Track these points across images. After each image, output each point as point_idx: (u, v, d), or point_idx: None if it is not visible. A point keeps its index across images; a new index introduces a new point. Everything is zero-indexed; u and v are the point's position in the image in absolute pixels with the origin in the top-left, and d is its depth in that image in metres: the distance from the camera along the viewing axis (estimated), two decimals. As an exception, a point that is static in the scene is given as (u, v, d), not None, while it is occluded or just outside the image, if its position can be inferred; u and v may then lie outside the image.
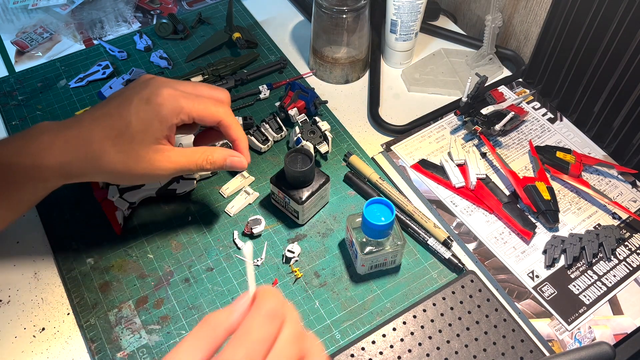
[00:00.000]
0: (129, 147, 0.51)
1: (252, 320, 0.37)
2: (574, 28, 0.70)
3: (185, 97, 0.52)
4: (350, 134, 0.74)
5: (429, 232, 0.63)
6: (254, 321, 0.37)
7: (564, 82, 0.74)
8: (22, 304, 0.58)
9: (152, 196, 0.65)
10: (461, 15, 0.94)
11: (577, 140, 0.73)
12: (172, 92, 0.51)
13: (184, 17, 0.89)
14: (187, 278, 0.60)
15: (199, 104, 0.52)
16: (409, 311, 0.57)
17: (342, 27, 0.75)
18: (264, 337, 0.36)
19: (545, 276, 0.60)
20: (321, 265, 0.61)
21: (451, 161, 0.69)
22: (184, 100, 0.51)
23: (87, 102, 0.77)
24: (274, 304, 0.37)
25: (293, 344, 0.37)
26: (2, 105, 0.76)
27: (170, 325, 0.57)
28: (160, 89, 0.51)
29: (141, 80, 0.53)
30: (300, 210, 0.61)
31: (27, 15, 0.89)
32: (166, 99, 0.50)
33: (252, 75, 0.79)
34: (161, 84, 0.52)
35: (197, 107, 0.52)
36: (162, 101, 0.50)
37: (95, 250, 0.62)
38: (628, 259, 0.62)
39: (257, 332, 0.36)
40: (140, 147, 0.51)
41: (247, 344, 0.36)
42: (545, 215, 0.63)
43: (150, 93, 0.51)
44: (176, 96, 0.51)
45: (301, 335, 0.38)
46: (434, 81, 0.81)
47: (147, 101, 0.50)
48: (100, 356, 0.54)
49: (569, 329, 0.57)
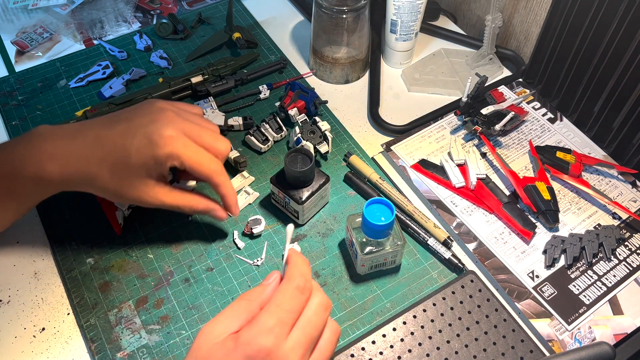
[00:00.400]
0: (124, 176, 0.53)
1: (284, 292, 0.42)
2: (574, 28, 0.70)
3: (184, 144, 0.53)
4: (350, 134, 0.74)
5: (429, 232, 0.63)
6: (285, 293, 0.42)
7: (564, 82, 0.74)
8: (22, 304, 0.58)
9: None
10: (461, 15, 0.94)
11: (577, 140, 0.73)
12: (174, 135, 0.52)
13: (184, 17, 0.89)
14: (187, 278, 0.60)
15: (195, 156, 0.54)
16: (409, 311, 0.57)
17: (342, 27, 0.75)
18: (294, 308, 0.41)
19: (545, 276, 0.60)
20: (321, 265, 0.61)
21: (451, 161, 0.69)
22: (182, 148, 0.53)
23: (87, 102, 0.77)
24: (303, 279, 0.43)
25: (318, 315, 0.42)
26: (2, 105, 0.76)
27: (170, 325, 0.57)
28: (164, 129, 0.52)
29: (151, 110, 0.54)
30: (300, 210, 0.61)
31: (27, 15, 0.89)
32: (167, 142, 0.52)
33: (252, 75, 0.79)
34: (167, 122, 0.53)
35: (192, 159, 0.53)
36: (163, 144, 0.52)
37: (95, 250, 0.62)
38: (628, 259, 0.62)
39: (288, 303, 0.41)
40: (134, 178, 0.53)
41: (278, 312, 0.41)
42: (545, 215, 0.63)
43: (153, 131, 0.52)
44: (176, 140, 0.52)
45: (326, 306, 0.43)
46: (434, 81, 0.81)
47: (149, 140, 0.52)
48: (100, 356, 0.54)
49: (569, 329, 0.57)
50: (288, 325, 0.41)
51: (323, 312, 0.43)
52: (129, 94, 0.76)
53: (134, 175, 0.53)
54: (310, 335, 0.42)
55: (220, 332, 0.41)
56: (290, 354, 0.40)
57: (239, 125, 0.73)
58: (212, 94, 0.77)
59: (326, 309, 0.44)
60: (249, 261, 0.62)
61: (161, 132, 0.52)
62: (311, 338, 0.42)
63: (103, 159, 0.52)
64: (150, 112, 0.54)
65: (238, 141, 0.73)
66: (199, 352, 0.41)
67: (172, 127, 0.53)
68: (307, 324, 0.42)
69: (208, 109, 0.74)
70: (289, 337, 0.41)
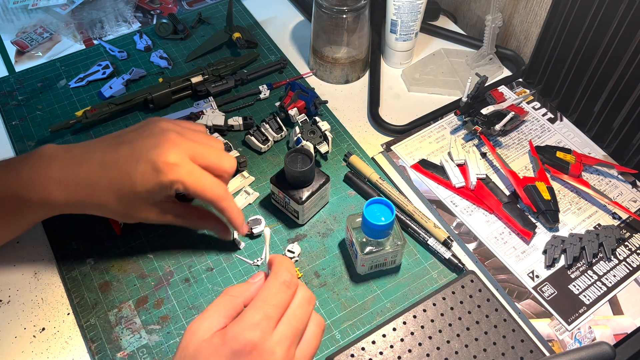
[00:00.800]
0: (131, 201, 0.53)
1: (270, 288, 0.43)
2: (574, 28, 0.70)
3: (188, 171, 0.52)
4: (350, 134, 0.74)
5: (429, 232, 0.63)
6: (272, 289, 0.43)
7: (564, 82, 0.74)
8: (22, 304, 0.58)
9: None
10: (461, 15, 0.94)
11: (577, 140, 0.73)
12: (178, 162, 0.52)
13: (184, 17, 0.89)
14: (187, 278, 0.60)
15: (200, 181, 0.53)
16: (409, 311, 0.57)
17: (342, 27, 0.75)
18: (280, 303, 0.42)
19: (545, 276, 0.60)
20: (321, 265, 0.61)
21: (451, 161, 0.69)
22: (186, 175, 0.52)
23: (87, 102, 0.77)
24: (290, 275, 0.44)
25: (303, 308, 0.43)
26: (2, 105, 0.76)
27: (170, 325, 0.57)
28: (168, 155, 0.51)
29: (153, 131, 0.54)
30: (300, 210, 0.61)
31: (27, 15, 0.89)
32: (171, 169, 0.51)
33: (252, 75, 0.79)
34: (171, 146, 0.52)
35: (196, 185, 0.53)
36: (167, 171, 0.51)
37: (95, 250, 0.62)
38: (628, 259, 0.62)
39: (274, 297, 0.42)
40: (140, 202, 0.54)
41: (265, 307, 0.41)
42: (545, 215, 0.63)
43: (157, 157, 0.51)
44: (180, 167, 0.52)
45: (310, 299, 0.44)
46: (434, 81, 0.81)
47: (153, 166, 0.51)
48: (100, 356, 0.54)
49: (569, 329, 0.57)
50: (274, 319, 0.42)
51: (307, 305, 0.44)
52: (129, 94, 0.76)
53: (140, 200, 0.53)
54: (296, 328, 0.42)
55: (206, 329, 0.42)
56: (277, 347, 0.41)
57: (239, 125, 0.73)
58: (212, 94, 0.77)
59: (310, 302, 0.44)
60: (249, 261, 0.62)
61: (165, 158, 0.51)
62: (297, 331, 0.42)
63: (109, 186, 0.52)
64: (153, 133, 0.53)
65: (238, 141, 0.73)
66: (187, 350, 0.41)
67: (176, 152, 0.52)
68: (292, 318, 0.42)
69: (208, 109, 0.74)
70: (275, 331, 0.41)
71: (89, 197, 0.53)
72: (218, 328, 0.42)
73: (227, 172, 0.56)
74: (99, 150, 0.54)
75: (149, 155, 0.51)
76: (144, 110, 0.76)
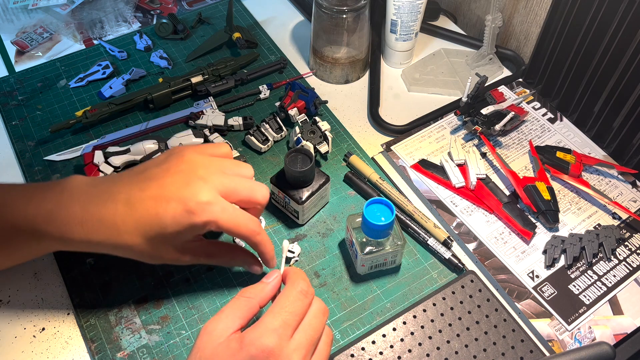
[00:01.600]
0: (159, 242, 0.50)
1: (288, 296, 0.44)
2: (574, 28, 0.70)
3: (222, 209, 0.49)
4: (350, 134, 0.74)
5: (429, 232, 0.63)
6: (289, 297, 0.44)
7: (564, 82, 0.74)
8: (22, 304, 0.58)
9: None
10: (461, 15, 0.94)
11: (577, 140, 0.73)
12: (211, 201, 0.49)
13: (184, 17, 0.89)
14: (187, 278, 0.60)
15: (233, 219, 0.50)
16: (409, 311, 0.57)
17: (342, 27, 0.75)
18: (297, 311, 0.43)
19: (545, 276, 0.60)
20: (321, 265, 0.61)
21: (451, 161, 0.69)
22: (219, 214, 0.49)
23: (87, 102, 0.77)
24: (306, 284, 0.45)
25: (318, 318, 0.44)
26: (2, 105, 0.76)
27: (170, 325, 0.57)
28: (200, 194, 0.48)
29: (181, 167, 0.50)
30: (300, 210, 0.61)
31: (27, 15, 0.89)
32: (204, 209, 0.48)
33: (252, 75, 0.79)
34: (202, 184, 0.49)
35: (230, 223, 0.49)
36: (200, 211, 0.48)
37: (95, 250, 0.62)
38: (628, 259, 0.62)
39: (291, 305, 0.43)
40: (169, 244, 0.51)
41: (283, 314, 0.42)
42: (545, 215, 0.63)
43: (189, 198, 0.48)
44: (213, 206, 0.49)
45: (325, 311, 0.46)
46: (434, 81, 0.81)
47: (185, 208, 0.48)
48: (100, 356, 0.54)
49: (569, 329, 0.57)
50: (291, 327, 0.42)
51: (322, 316, 0.45)
52: (129, 94, 0.76)
53: (169, 242, 0.50)
54: (312, 337, 0.43)
55: (222, 331, 0.42)
56: (293, 355, 0.41)
57: (239, 125, 0.73)
58: (212, 94, 0.77)
59: (324, 313, 0.45)
60: (249, 261, 0.62)
61: (197, 198, 0.48)
62: (312, 340, 0.43)
63: (136, 228, 0.49)
64: (181, 170, 0.50)
65: (238, 141, 0.73)
66: (203, 352, 0.41)
67: (208, 190, 0.49)
68: (308, 327, 0.43)
69: (208, 109, 0.74)
70: (292, 338, 0.42)
71: (113, 238, 0.49)
72: (234, 329, 0.42)
73: (261, 204, 0.53)
74: (125, 187, 0.50)
75: (179, 194, 0.48)
76: (144, 110, 0.76)
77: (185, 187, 0.49)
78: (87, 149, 0.70)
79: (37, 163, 0.70)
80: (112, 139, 0.71)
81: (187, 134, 0.69)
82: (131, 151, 0.68)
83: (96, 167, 0.66)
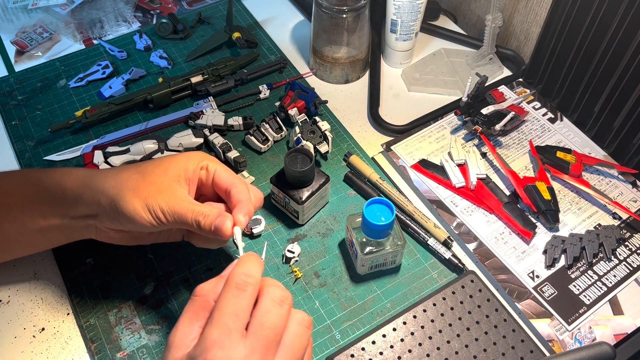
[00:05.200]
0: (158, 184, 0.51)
1: (223, 297, 0.40)
2: (574, 28, 0.70)
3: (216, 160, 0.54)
4: (350, 134, 0.74)
5: (429, 232, 0.63)
6: (225, 297, 0.40)
7: (564, 82, 0.74)
8: (22, 304, 0.58)
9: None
10: (461, 15, 0.94)
11: (578, 140, 0.73)
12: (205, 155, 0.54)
13: (184, 17, 0.89)
14: (187, 278, 0.60)
15: (222, 166, 0.54)
16: (409, 311, 0.57)
17: (342, 27, 0.75)
18: (238, 309, 0.39)
19: (546, 276, 0.60)
20: (321, 265, 0.61)
21: (451, 161, 0.69)
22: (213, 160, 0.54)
23: (87, 102, 0.77)
24: (243, 275, 0.41)
25: (303, 335, 0.41)
26: (2, 105, 0.76)
27: (170, 326, 0.57)
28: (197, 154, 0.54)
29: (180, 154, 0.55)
30: (300, 210, 0.61)
31: (27, 15, 0.89)
32: (203, 155, 0.54)
33: (252, 75, 0.79)
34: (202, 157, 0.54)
35: (222, 165, 0.54)
36: (191, 154, 0.53)
37: (95, 250, 0.62)
38: (628, 259, 0.62)
39: (230, 305, 0.39)
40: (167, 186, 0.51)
41: (221, 319, 0.38)
42: (546, 215, 0.63)
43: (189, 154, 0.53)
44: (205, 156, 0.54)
45: (310, 322, 0.42)
46: (434, 81, 0.80)
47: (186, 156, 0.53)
48: (100, 356, 0.54)
49: (569, 329, 0.57)
50: (236, 329, 0.38)
51: (307, 330, 0.41)
52: (128, 94, 0.76)
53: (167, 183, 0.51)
54: (297, 358, 0.40)
55: (179, 339, 0.39)
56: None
57: (239, 125, 0.73)
58: (212, 94, 0.77)
59: (309, 326, 0.42)
60: (249, 261, 0.61)
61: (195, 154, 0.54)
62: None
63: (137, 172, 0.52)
64: (180, 154, 0.55)
65: (238, 141, 0.72)
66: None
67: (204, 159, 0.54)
68: (289, 349, 0.40)
69: (208, 108, 0.74)
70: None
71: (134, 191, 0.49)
72: (192, 337, 0.39)
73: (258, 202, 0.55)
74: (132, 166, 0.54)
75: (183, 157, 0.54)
76: (143, 110, 0.76)
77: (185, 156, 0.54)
78: (87, 149, 0.70)
79: (37, 163, 0.70)
80: (111, 139, 0.71)
81: (187, 134, 0.70)
82: (131, 151, 0.68)
83: (96, 167, 0.66)
